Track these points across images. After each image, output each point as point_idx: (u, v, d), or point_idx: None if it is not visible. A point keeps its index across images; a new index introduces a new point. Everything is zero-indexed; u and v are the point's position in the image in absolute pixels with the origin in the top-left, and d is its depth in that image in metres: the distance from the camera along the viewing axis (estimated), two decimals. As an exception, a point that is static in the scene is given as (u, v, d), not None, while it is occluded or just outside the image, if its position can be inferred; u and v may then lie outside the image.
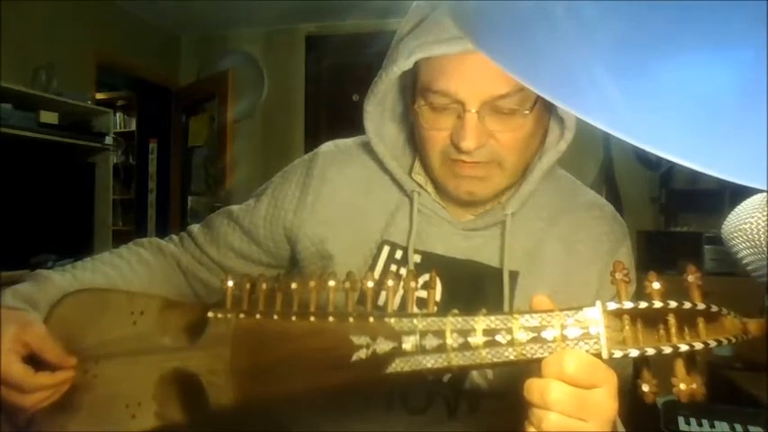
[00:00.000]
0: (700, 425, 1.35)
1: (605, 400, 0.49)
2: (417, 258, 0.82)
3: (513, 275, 0.80)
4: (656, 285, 0.48)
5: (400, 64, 0.75)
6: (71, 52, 3.48)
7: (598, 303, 0.49)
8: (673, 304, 0.47)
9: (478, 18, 0.38)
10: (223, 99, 3.87)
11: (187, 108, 4.33)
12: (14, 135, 2.87)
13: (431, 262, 0.82)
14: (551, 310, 0.50)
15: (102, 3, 3.74)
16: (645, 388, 0.48)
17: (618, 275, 0.50)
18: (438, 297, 0.80)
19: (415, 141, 0.84)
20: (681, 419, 1.35)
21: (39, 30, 3.25)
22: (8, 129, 2.83)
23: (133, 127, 5.21)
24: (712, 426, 1.35)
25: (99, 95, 4.12)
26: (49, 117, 3.10)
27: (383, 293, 0.57)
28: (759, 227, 0.95)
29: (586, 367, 0.48)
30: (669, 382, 0.47)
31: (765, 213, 0.95)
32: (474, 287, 0.80)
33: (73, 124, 3.33)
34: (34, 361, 0.69)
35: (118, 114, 5.31)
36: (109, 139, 3.54)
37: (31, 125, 3.00)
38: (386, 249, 0.83)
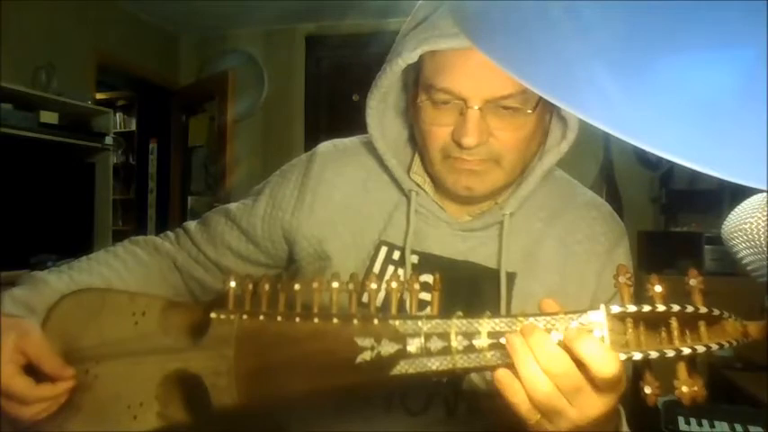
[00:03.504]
0: (700, 425, 1.35)
1: (603, 400, 0.49)
2: (415, 259, 0.82)
3: (511, 277, 0.80)
4: (658, 289, 0.48)
5: (405, 57, 0.75)
6: (71, 52, 3.48)
7: (602, 306, 0.49)
8: (675, 308, 0.47)
9: (479, 18, 0.38)
10: (223, 99, 3.87)
11: (187, 108, 4.33)
12: (14, 135, 2.86)
13: (428, 263, 0.81)
14: (556, 313, 0.50)
15: (102, 3, 3.73)
16: (647, 390, 0.48)
17: (621, 279, 0.50)
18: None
19: (416, 138, 0.84)
20: (681, 419, 1.35)
21: (39, 30, 3.24)
22: (8, 129, 2.82)
23: (133, 127, 5.20)
24: (712, 426, 1.35)
25: (99, 95, 4.11)
26: (49, 117, 3.09)
27: (382, 294, 0.57)
28: (759, 227, 0.95)
29: (616, 373, 0.48)
30: (669, 382, 0.47)
31: (765, 213, 0.95)
32: (471, 288, 0.80)
33: (73, 124, 3.32)
34: (33, 369, 0.68)
35: (118, 114, 5.30)
36: (109, 140, 3.53)
37: (31, 125, 2.99)
38: (383, 250, 0.83)
